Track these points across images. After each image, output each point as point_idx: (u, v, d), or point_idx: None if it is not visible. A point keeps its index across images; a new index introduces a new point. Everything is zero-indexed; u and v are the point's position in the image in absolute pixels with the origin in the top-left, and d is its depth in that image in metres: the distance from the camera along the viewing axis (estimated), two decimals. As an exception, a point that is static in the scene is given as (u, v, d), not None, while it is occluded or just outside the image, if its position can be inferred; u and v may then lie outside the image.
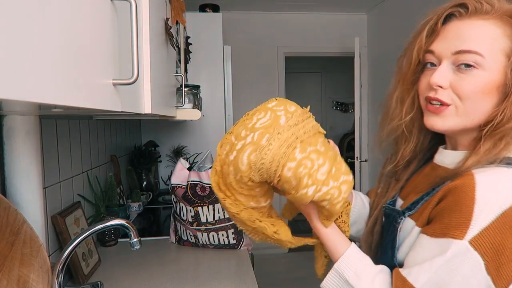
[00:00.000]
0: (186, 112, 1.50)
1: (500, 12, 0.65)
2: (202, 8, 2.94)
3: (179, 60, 1.72)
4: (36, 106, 0.55)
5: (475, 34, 0.65)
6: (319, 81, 5.72)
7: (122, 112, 0.60)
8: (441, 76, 0.66)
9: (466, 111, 0.66)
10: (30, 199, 0.94)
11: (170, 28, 1.15)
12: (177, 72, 1.60)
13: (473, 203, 0.59)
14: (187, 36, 2.37)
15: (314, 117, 0.73)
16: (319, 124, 0.72)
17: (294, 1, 3.35)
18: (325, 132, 0.73)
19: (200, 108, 1.73)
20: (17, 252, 0.81)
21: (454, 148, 0.74)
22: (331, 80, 5.73)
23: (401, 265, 0.71)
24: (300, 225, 4.11)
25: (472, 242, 0.58)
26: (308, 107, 0.73)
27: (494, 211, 0.58)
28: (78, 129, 1.48)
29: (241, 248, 1.53)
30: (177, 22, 1.30)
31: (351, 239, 0.80)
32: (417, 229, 0.69)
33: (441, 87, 0.67)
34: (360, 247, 0.80)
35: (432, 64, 0.71)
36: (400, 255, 0.72)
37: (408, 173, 0.82)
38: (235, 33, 3.52)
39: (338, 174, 0.69)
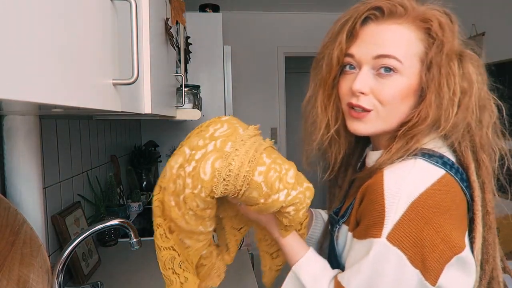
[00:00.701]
0: (186, 112, 1.50)
1: (413, 15, 0.67)
2: (202, 8, 2.94)
3: (179, 60, 1.72)
4: (36, 106, 0.55)
5: (392, 39, 0.66)
6: (319, 81, 5.72)
7: (122, 112, 0.60)
8: (362, 83, 0.67)
9: (387, 115, 0.68)
10: (30, 199, 0.94)
11: (170, 28, 1.15)
12: (177, 72, 1.60)
13: (383, 199, 0.60)
14: (187, 36, 2.37)
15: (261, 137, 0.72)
16: (272, 140, 0.72)
17: (294, 1, 3.35)
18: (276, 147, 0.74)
19: (200, 108, 1.73)
20: (17, 252, 0.81)
21: (377, 148, 0.76)
22: (331, 80, 5.72)
23: None
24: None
25: (389, 238, 0.59)
26: (258, 125, 0.72)
27: (403, 204, 0.59)
28: (78, 129, 1.48)
29: (241, 248, 1.53)
30: (177, 22, 1.30)
31: None
32: (350, 234, 0.70)
33: (363, 93, 0.67)
34: None
35: (351, 67, 0.70)
36: (346, 260, 0.72)
37: (348, 179, 0.82)
38: (235, 33, 3.52)
39: (301, 180, 0.69)
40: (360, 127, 0.70)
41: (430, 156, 0.64)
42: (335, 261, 0.74)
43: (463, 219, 0.64)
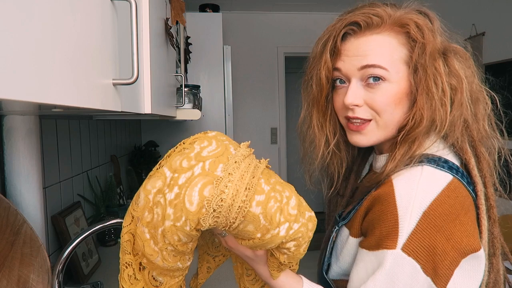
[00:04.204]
0: (186, 112, 1.50)
1: (390, 23, 0.67)
2: (202, 8, 2.94)
3: (179, 60, 1.72)
4: (36, 106, 0.54)
5: (373, 49, 0.66)
6: (319, 81, 5.72)
7: (122, 112, 0.60)
8: (354, 96, 0.67)
9: (385, 123, 0.68)
10: (30, 199, 0.94)
11: (170, 28, 1.15)
12: (177, 72, 1.60)
13: (396, 210, 0.60)
14: (187, 36, 2.37)
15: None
16: (267, 159, 0.64)
17: (294, 1, 3.35)
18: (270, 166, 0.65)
19: (200, 108, 1.73)
20: (17, 252, 0.81)
21: (381, 151, 0.75)
22: (331, 80, 5.72)
23: (343, 272, 0.72)
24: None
25: (405, 249, 0.58)
26: (249, 142, 0.63)
27: (416, 214, 0.59)
28: (78, 129, 1.48)
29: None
30: (177, 22, 1.30)
31: None
32: (352, 239, 0.69)
33: (357, 105, 0.68)
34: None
35: (341, 81, 0.71)
36: (342, 262, 0.72)
37: (351, 187, 0.82)
38: (235, 33, 3.52)
39: (303, 209, 0.59)
40: (361, 140, 0.70)
41: (436, 161, 0.63)
42: (322, 262, 0.74)
43: (474, 222, 0.63)
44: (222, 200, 0.52)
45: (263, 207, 0.53)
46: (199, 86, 1.72)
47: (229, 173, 0.53)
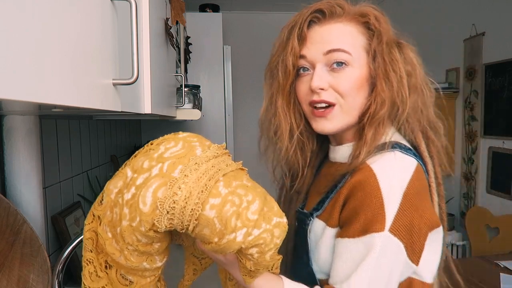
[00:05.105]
0: (186, 112, 1.50)
1: (351, 13, 0.72)
2: (202, 8, 2.94)
3: (179, 60, 1.72)
4: (36, 106, 0.54)
5: (337, 35, 0.71)
6: (319, 81, 5.71)
7: (122, 112, 0.60)
8: (320, 79, 0.70)
9: (349, 108, 0.71)
10: (30, 199, 0.94)
11: (170, 28, 1.15)
12: (177, 72, 1.60)
13: (380, 193, 0.62)
14: (187, 36, 2.37)
15: (231, 156, 0.61)
16: (240, 162, 0.61)
17: (294, 1, 3.35)
18: (246, 169, 0.62)
19: (200, 108, 1.74)
20: (17, 252, 0.81)
21: (339, 143, 0.77)
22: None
23: (320, 269, 0.71)
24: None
25: (391, 230, 0.61)
26: (224, 144, 0.61)
27: (398, 195, 0.62)
28: (78, 129, 1.48)
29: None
30: (177, 22, 1.30)
31: None
32: (330, 229, 0.69)
33: (322, 89, 0.70)
34: None
35: (305, 69, 0.73)
36: (318, 258, 0.71)
37: (307, 183, 0.82)
38: (235, 33, 3.52)
39: (270, 214, 0.56)
40: (326, 126, 0.72)
41: (403, 148, 0.68)
42: (306, 258, 0.73)
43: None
44: (174, 202, 0.51)
45: (217, 211, 0.52)
46: (199, 86, 1.72)
47: (185, 175, 0.52)
